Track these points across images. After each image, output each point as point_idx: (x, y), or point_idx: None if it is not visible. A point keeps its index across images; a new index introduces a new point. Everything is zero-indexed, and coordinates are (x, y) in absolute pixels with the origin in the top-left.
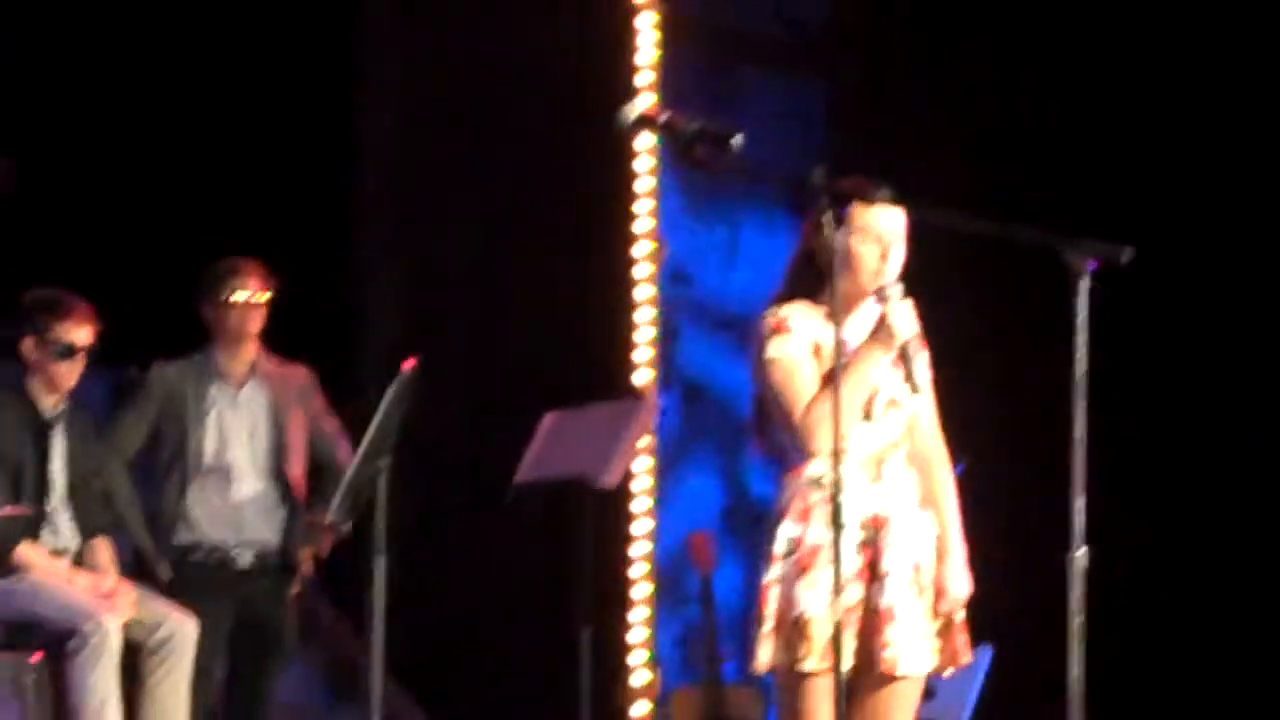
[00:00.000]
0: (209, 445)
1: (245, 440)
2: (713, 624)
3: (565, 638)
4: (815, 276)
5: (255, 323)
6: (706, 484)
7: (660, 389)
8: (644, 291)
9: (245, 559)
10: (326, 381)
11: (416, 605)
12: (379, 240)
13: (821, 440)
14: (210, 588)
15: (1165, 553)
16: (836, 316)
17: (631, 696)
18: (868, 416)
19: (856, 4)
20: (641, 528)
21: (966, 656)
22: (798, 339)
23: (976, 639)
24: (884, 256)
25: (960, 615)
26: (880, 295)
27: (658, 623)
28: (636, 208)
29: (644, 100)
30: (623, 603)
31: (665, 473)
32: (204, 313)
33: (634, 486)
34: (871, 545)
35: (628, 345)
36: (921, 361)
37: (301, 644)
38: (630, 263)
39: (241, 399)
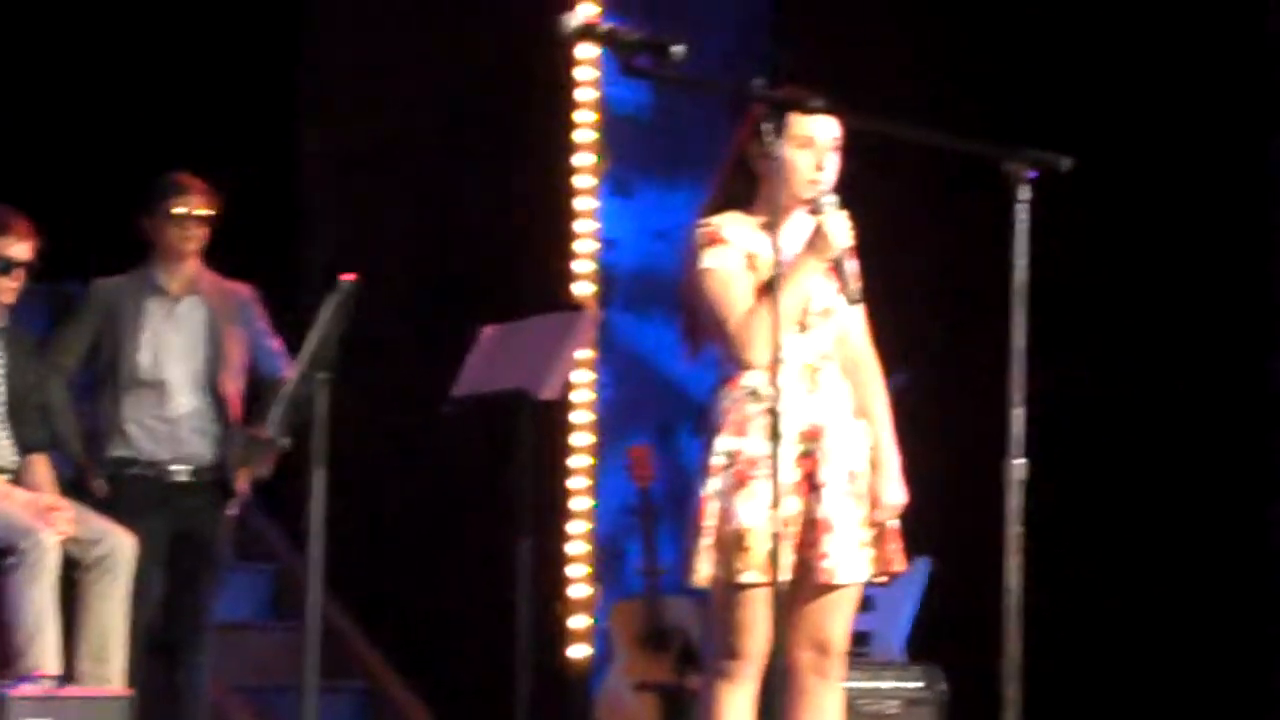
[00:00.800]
0: (144, 359)
1: (181, 356)
2: (651, 537)
3: (504, 550)
4: (748, 185)
5: (196, 239)
6: (645, 396)
7: (600, 301)
8: (584, 203)
9: (181, 474)
10: (268, 300)
11: (356, 520)
12: (321, 156)
13: (757, 351)
14: (146, 503)
15: (1103, 466)
16: (774, 226)
17: (570, 609)
18: (802, 327)
19: None
20: (581, 440)
21: (900, 564)
22: (732, 249)
23: (915, 552)
24: (819, 166)
25: (895, 524)
26: (815, 205)
27: (596, 535)
28: (577, 117)
29: (585, 10)
30: (561, 514)
31: (606, 385)
32: (144, 227)
33: (574, 398)
34: (809, 456)
35: (568, 257)
36: (854, 272)
37: (240, 559)
38: (571, 172)
39: (179, 314)
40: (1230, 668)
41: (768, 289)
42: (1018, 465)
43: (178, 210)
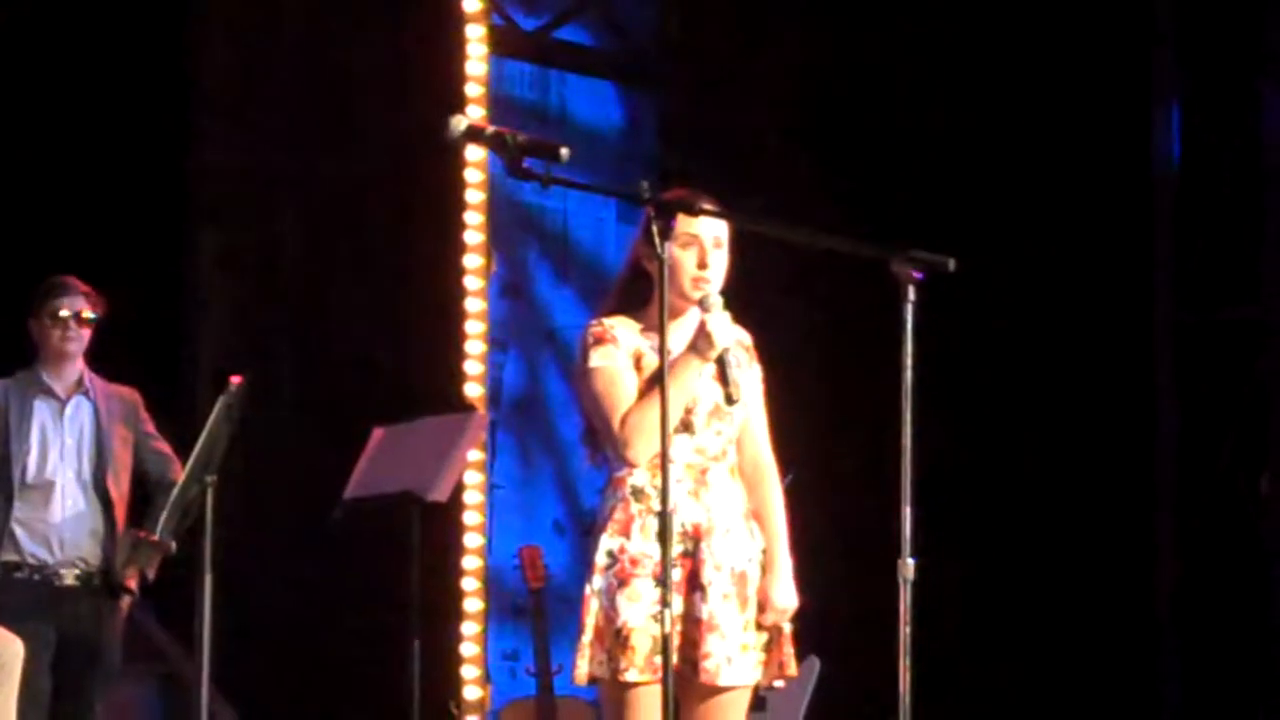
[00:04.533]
0: (31, 462)
1: (69, 457)
2: (544, 637)
3: (396, 652)
4: (640, 288)
5: (77, 340)
6: (536, 498)
7: (489, 403)
8: (473, 305)
9: (68, 578)
10: (155, 404)
11: (246, 622)
12: (207, 259)
13: (640, 450)
14: (33, 607)
15: (992, 563)
16: (663, 326)
17: (464, 710)
18: (688, 427)
19: (684, 14)
20: (472, 541)
21: (793, 669)
22: (619, 349)
23: (807, 651)
24: (702, 263)
25: (787, 628)
26: (703, 304)
27: (488, 637)
28: (466, 218)
29: (473, 112)
30: (454, 616)
31: (495, 487)
32: (31, 329)
33: (465, 500)
34: (691, 556)
35: (458, 359)
36: (751, 374)
37: (129, 663)
38: (460, 274)
39: (66, 416)
40: None
41: (656, 385)
42: (908, 565)
43: (60, 312)
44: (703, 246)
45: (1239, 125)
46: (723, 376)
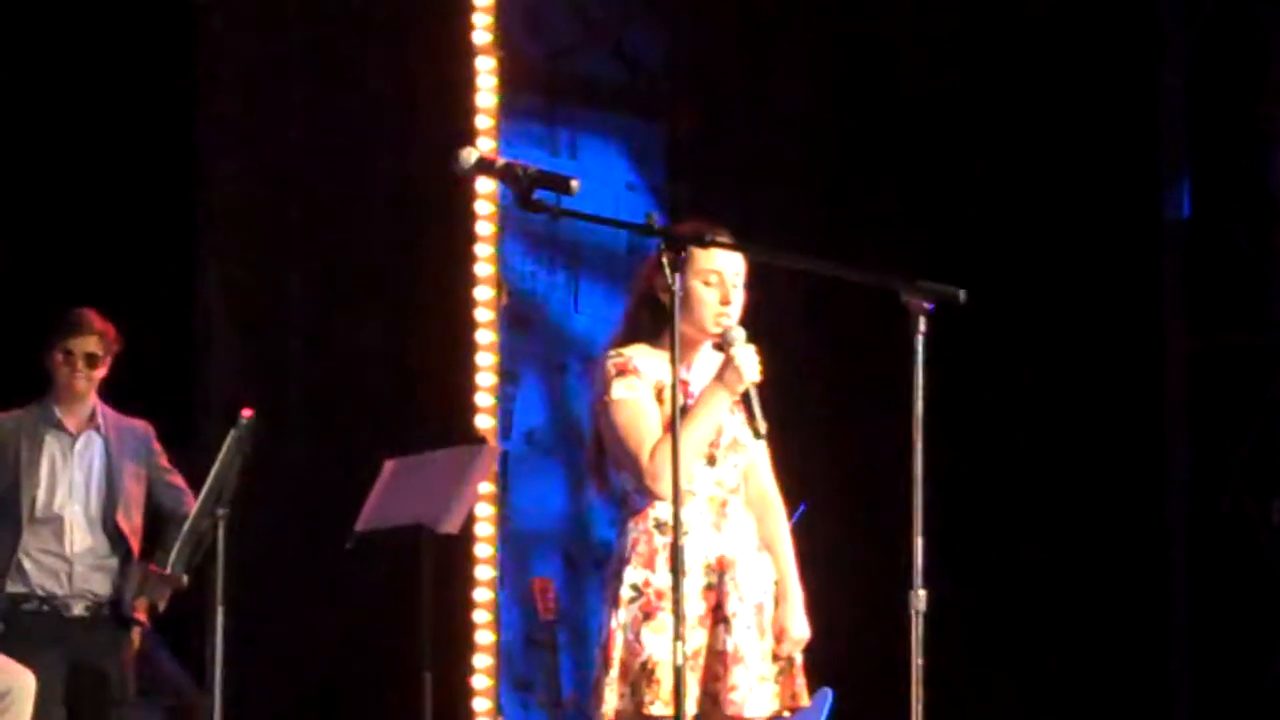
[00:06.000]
0: (41, 496)
1: (78, 492)
2: (555, 670)
3: (408, 683)
4: (655, 319)
5: (89, 377)
6: (547, 529)
7: (500, 435)
8: (484, 336)
9: (77, 608)
10: (166, 437)
11: (257, 654)
12: (216, 292)
13: (666, 483)
14: (43, 638)
15: (1004, 593)
16: (677, 359)
17: None
18: (710, 460)
19: (693, 45)
20: (484, 573)
21: (805, 698)
22: (642, 381)
23: (819, 682)
24: (725, 300)
25: (799, 658)
26: (724, 339)
27: (500, 669)
28: (476, 250)
29: (483, 144)
30: (466, 648)
31: (507, 519)
32: (45, 362)
33: (476, 531)
34: (716, 589)
35: (469, 390)
36: (761, 405)
37: (141, 695)
38: (471, 306)
39: (77, 450)
40: None
41: (673, 420)
42: (920, 597)
43: (71, 351)
44: (725, 283)
45: (1247, 153)
46: (748, 410)
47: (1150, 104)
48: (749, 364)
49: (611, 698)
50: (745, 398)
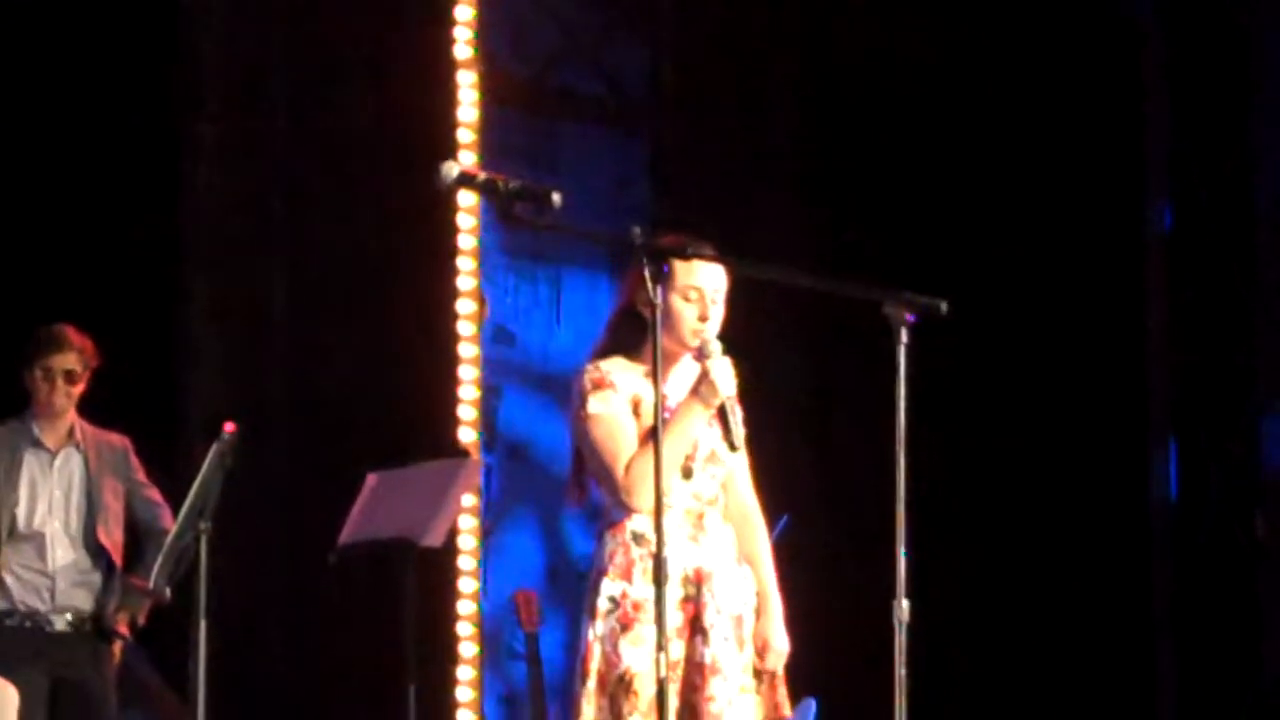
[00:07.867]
0: (21, 512)
1: (59, 508)
2: (539, 682)
3: (392, 697)
4: (635, 332)
5: (69, 397)
6: (530, 542)
7: (483, 448)
8: (466, 350)
9: (59, 623)
10: (147, 450)
11: (240, 667)
12: (198, 307)
13: (643, 497)
14: (25, 653)
15: (987, 603)
16: (656, 370)
17: None
18: (687, 473)
19: (676, 61)
20: (467, 586)
21: (788, 709)
22: (618, 395)
23: (802, 692)
24: (703, 316)
25: (780, 668)
26: (702, 352)
27: (484, 681)
28: (458, 264)
29: (465, 158)
30: (449, 661)
31: (489, 532)
32: (23, 378)
33: (459, 544)
34: (693, 600)
35: (451, 404)
36: (738, 418)
37: (125, 710)
38: (453, 319)
39: (56, 466)
40: None
41: (652, 434)
42: (903, 607)
43: (50, 368)
44: (705, 299)
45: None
46: (724, 423)
47: (1134, 117)
48: (724, 377)
49: (589, 710)
50: (721, 411)
